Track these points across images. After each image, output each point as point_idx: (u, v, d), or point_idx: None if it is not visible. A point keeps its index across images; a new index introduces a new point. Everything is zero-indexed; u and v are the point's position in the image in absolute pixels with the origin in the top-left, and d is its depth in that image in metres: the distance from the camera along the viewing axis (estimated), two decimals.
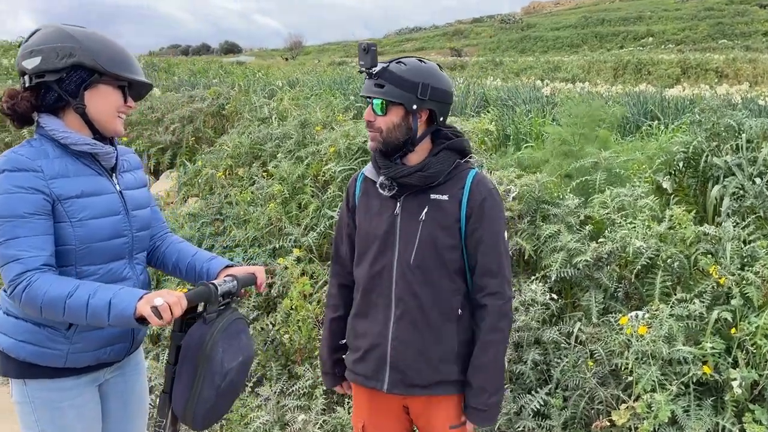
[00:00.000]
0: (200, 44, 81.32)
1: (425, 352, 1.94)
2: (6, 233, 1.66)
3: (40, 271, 1.66)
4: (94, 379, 1.94)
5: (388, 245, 1.95)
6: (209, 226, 4.68)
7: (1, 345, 1.83)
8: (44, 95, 1.78)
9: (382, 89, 1.87)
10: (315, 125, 5.05)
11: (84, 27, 1.82)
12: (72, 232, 1.76)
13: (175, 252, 2.10)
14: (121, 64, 1.80)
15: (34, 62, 1.73)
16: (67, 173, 1.77)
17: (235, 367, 1.79)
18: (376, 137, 1.93)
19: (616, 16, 59.69)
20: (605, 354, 2.80)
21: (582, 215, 3.38)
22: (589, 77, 26.73)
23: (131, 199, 1.95)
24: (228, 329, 1.77)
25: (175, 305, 1.62)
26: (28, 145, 1.77)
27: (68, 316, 1.66)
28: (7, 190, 1.67)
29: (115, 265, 1.88)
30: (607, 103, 6.52)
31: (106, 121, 1.83)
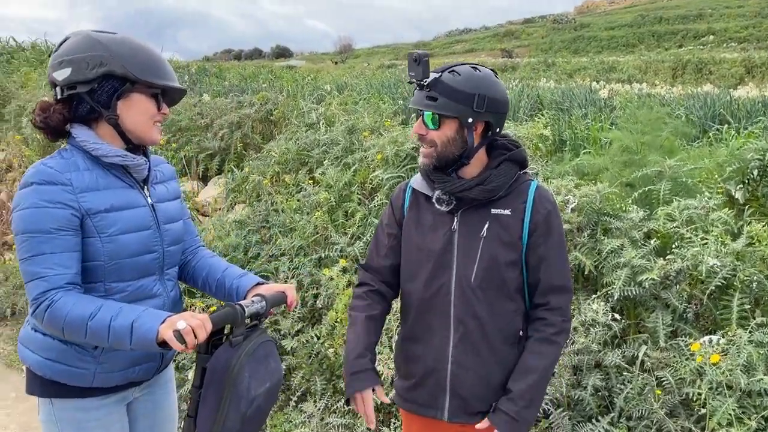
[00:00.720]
0: (252, 48, 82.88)
1: (487, 377, 1.81)
2: (31, 249, 1.61)
3: (64, 290, 1.60)
4: (122, 398, 1.87)
5: (445, 263, 1.82)
6: (255, 234, 4.61)
7: (28, 362, 1.77)
8: (76, 107, 1.72)
9: (435, 102, 1.73)
10: (362, 131, 4.94)
11: (115, 33, 1.75)
12: (101, 247, 1.69)
13: (205, 267, 2.02)
14: (153, 71, 1.72)
15: (65, 73, 1.67)
16: (97, 186, 1.71)
17: (262, 393, 1.69)
18: (430, 153, 1.80)
19: (675, 14, 57.79)
20: (675, 382, 2.57)
21: (645, 228, 3.14)
22: (646, 78, 25.87)
23: (163, 212, 1.87)
24: (255, 353, 1.67)
25: (199, 329, 1.52)
26: (59, 157, 1.71)
27: (90, 338, 1.59)
28: (35, 204, 1.62)
29: (145, 282, 1.81)
30: (670, 105, 6.19)
31: (141, 131, 1.76)
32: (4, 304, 5.45)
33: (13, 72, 9.67)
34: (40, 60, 10.77)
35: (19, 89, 8.50)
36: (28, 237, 1.61)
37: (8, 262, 5.68)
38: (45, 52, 11.42)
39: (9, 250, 6.05)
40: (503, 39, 65.51)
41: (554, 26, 65.17)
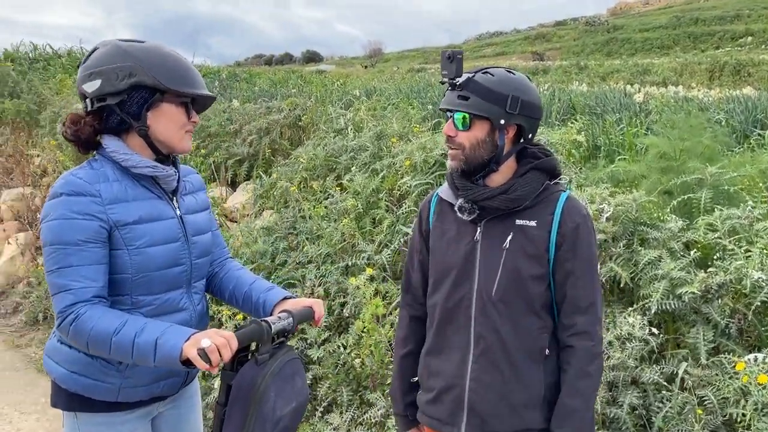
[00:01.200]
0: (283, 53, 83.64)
1: (508, 397, 1.72)
2: (59, 261, 1.59)
3: (90, 303, 1.57)
4: (147, 413, 1.84)
5: (467, 275, 1.75)
6: (283, 241, 4.59)
7: (53, 374, 1.76)
8: (107, 118, 1.70)
9: (467, 101, 1.67)
10: (391, 137, 4.88)
11: (143, 41, 1.72)
12: (129, 260, 1.66)
13: (232, 280, 1.98)
14: (182, 80, 1.69)
15: (95, 85, 1.65)
16: (126, 197, 1.68)
17: (288, 414, 1.63)
18: (458, 155, 1.72)
19: (711, 15, 56.54)
20: (717, 401, 2.44)
21: (685, 239, 3.01)
22: (681, 80, 25.31)
23: (191, 224, 1.83)
24: (281, 372, 1.62)
25: (224, 347, 1.48)
26: (89, 167, 1.69)
27: (114, 354, 1.56)
28: (63, 216, 1.59)
29: (172, 295, 1.77)
30: (708, 110, 6.00)
31: (172, 141, 1.74)
32: (36, 308, 5.53)
33: (49, 78, 9.87)
34: (75, 66, 10.97)
35: (55, 95, 8.67)
36: (56, 248, 1.59)
37: (40, 267, 5.76)
38: (80, 59, 11.65)
39: (41, 255, 6.15)
40: (534, 42, 64.94)
41: (587, 28, 64.36)
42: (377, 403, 3.29)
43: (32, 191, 7.13)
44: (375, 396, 3.34)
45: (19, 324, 5.63)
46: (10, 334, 5.46)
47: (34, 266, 5.99)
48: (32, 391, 4.47)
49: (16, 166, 7.91)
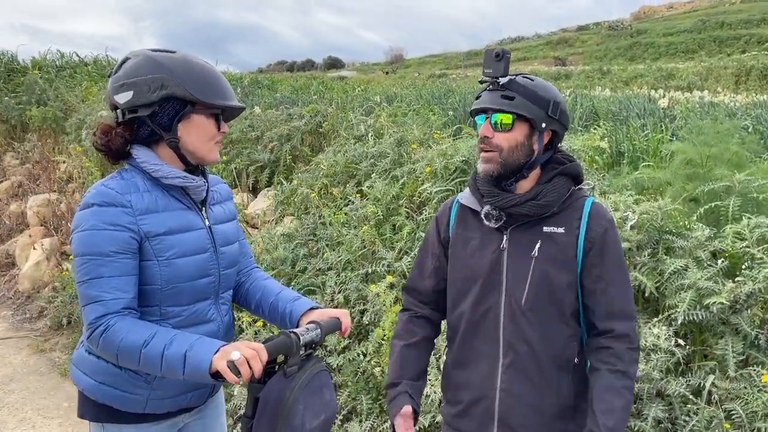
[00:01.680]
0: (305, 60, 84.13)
1: (539, 407, 1.69)
2: (90, 272, 1.58)
3: (120, 315, 1.57)
4: (173, 424, 1.84)
5: (494, 284, 1.72)
6: (303, 247, 4.58)
7: (80, 385, 1.75)
8: (137, 129, 1.70)
9: (512, 101, 1.64)
10: (411, 143, 4.86)
11: (174, 51, 1.71)
12: (158, 271, 1.66)
13: (259, 290, 1.97)
14: (213, 92, 1.68)
15: (126, 97, 1.65)
16: (157, 208, 1.68)
17: (317, 427, 1.61)
18: (494, 158, 1.69)
19: (737, 19, 55.67)
20: (746, 415, 2.38)
21: (711, 247, 2.94)
22: (707, 84, 24.94)
23: (220, 234, 1.83)
24: (310, 385, 1.60)
25: (254, 360, 1.46)
26: (119, 177, 1.69)
27: (143, 366, 1.55)
28: (95, 226, 1.59)
29: (200, 306, 1.76)
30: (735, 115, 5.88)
31: (202, 152, 1.74)
32: (60, 313, 5.59)
33: (76, 86, 10.03)
34: (101, 74, 11.13)
35: (81, 103, 8.80)
36: (87, 259, 1.59)
37: (65, 272, 5.83)
38: (106, 67, 11.82)
39: (67, 260, 6.23)
40: (556, 47, 64.52)
41: (609, 33, 63.79)
42: None
43: (58, 197, 7.24)
44: None
45: (43, 328, 5.70)
46: (34, 338, 5.53)
47: (59, 271, 6.07)
48: (55, 396, 4.52)
49: (43, 173, 8.04)
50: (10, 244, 7.21)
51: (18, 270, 6.73)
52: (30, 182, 8.09)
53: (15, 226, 7.59)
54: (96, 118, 7.03)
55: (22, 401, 4.42)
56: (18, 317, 5.98)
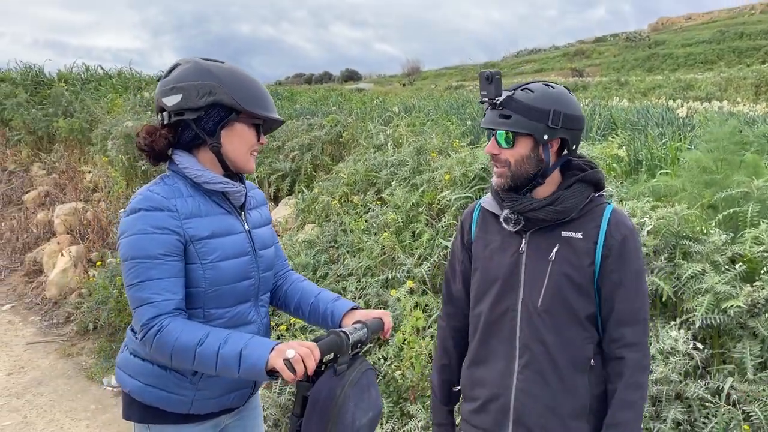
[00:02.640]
0: (322, 72, 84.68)
1: (555, 407, 1.73)
2: (140, 275, 1.62)
3: (171, 315, 1.61)
4: (215, 424, 1.89)
5: (512, 286, 1.77)
6: (324, 254, 4.67)
7: (126, 387, 1.79)
8: (182, 132, 1.76)
9: (509, 120, 1.69)
10: (430, 152, 4.94)
11: (222, 62, 1.78)
12: (202, 274, 1.70)
13: (297, 292, 2.01)
14: (258, 102, 1.75)
15: (175, 99, 1.70)
16: (200, 213, 1.73)
17: (365, 424, 1.65)
18: (504, 173, 1.75)
19: (757, 29, 55.17)
20: (764, 417, 2.40)
21: (730, 253, 2.97)
22: (726, 95, 24.74)
23: (258, 238, 1.88)
24: (359, 382, 1.64)
25: (308, 357, 1.51)
26: (162, 183, 1.74)
27: (198, 365, 1.59)
28: (143, 230, 1.64)
29: (241, 308, 1.81)
30: (754, 123, 5.88)
31: (240, 160, 1.79)
32: (87, 318, 5.71)
33: (101, 98, 10.26)
34: (125, 87, 11.37)
35: (106, 114, 9.00)
36: (136, 263, 1.63)
37: (92, 279, 5.97)
38: (130, 80, 12.06)
39: (93, 267, 6.37)
40: (573, 58, 64.36)
41: (627, 44, 63.54)
42: (417, 415, 3.31)
43: (84, 206, 7.41)
44: (415, 408, 3.37)
45: (70, 333, 5.82)
46: (62, 342, 5.65)
47: (86, 278, 6.21)
48: (83, 398, 4.62)
49: (69, 182, 8.23)
50: (38, 251, 7.38)
51: (45, 277, 6.89)
52: (57, 191, 8.27)
53: (42, 234, 7.77)
54: (122, 129, 7.20)
55: (51, 403, 4.53)
56: (45, 322, 6.12)
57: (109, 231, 6.82)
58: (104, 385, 4.82)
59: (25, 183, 9.29)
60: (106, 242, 6.76)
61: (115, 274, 5.54)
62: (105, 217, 6.98)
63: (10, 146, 10.05)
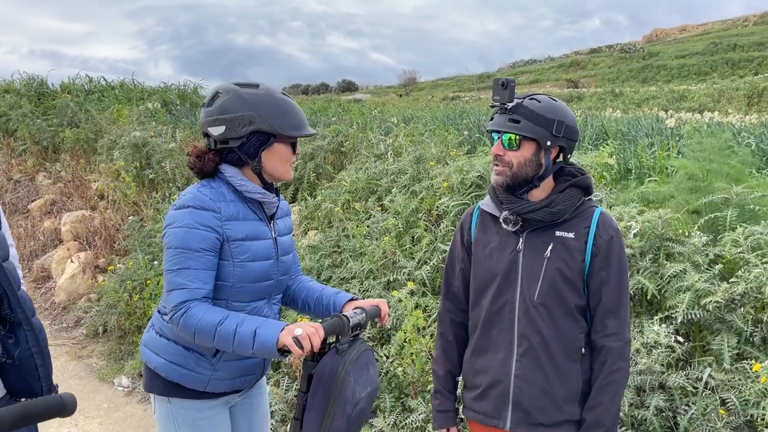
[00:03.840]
0: (319, 83, 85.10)
1: (549, 391, 1.92)
2: (180, 263, 1.84)
3: (199, 301, 1.83)
4: (226, 401, 2.11)
5: (510, 282, 1.95)
6: (327, 258, 4.87)
7: (152, 363, 2.02)
8: (226, 155, 1.98)
9: (518, 124, 1.89)
10: (429, 160, 5.15)
11: (258, 86, 1.98)
12: (232, 270, 1.93)
13: (304, 289, 2.24)
14: (293, 125, 1.96)
15: (219, 130, 1.92)
16: (238, 217, 1.95)
17: (364, 397, 1.87)
18: (505, 171, 1.94)
19: (750, 41, 55.80)
20: (739, 403, 2.61)
21: (711, 254, 3.19)
22: (719, 106, 25.08)
23: (282, 245, 2.11)
24: (358, 360, 1.86)
25: (314, 336, 1.72)
26: (209, 186, 1.96)
27: (217, 343, 1.80)
28: (189, 225, 1.86)
29: (258, 304, 2.04)
30: (740, 134, 6.12)
31: (279, 173, 2.01)
32: (96, 322, 5.89)
33: (105, 109, 10.48)
34: (128, 98, 11.59)
35: (112, 124, 9.21)
36: (179, 251, 1.84)
37: (103, 282, 6.15)
38: (133, 91, 12.29)
39: (102, 273, 6.55)
40: (569, 69, 64.91)
41: (622, 55, 64.12)
42: (418, 409, 3.50)
43: (91, 214, 7.60)
44: (416, 402, 3.56)
45: (80, 337, 6.00)
46: (72, 345, 5.83)
47: (95, 283, 6.39)
48: (95, 398, 4.79)
49: (75, 191, 8.41)
50: (45, 258, 7.55)
51: (53, 282, 7.06)
52: (63, 200, 8.46)
53: (49, 241, 7.94)
54: (130, 139, 7.40)
55: None
56: (55, 327, 6.29)
57: (116, 238, 7.01)
58: (115, 386, 5.00)
59: (31, 192, 9.46)
60: (113, 248, 6.95)
61: (125, 278, 5.73)
62: (112, 224, 7.17)
63: (15, 156, 10.23)
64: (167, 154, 7.20)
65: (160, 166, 7.13)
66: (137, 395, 4.84)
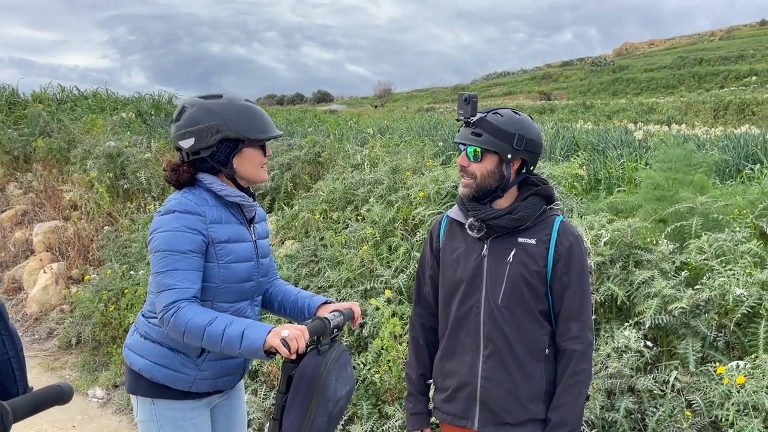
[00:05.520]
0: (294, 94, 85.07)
1: (515, 391, 1.99)
2: (169, 265, 1.91)
3: (188, 301, 1.89)
4: (208, 402, 2.18)
5: (476, 286, 2.03)
6: (305, 268, 4.90)
7: (136, 365, 2.07)
8: (200, 165, 2.07)
9: (480, 138, 1.97)
10: (405, 170, 5.23)
11: (221, 96, 2.07)
12: (217, 272, 2.01)
13: (280, 292, 2.33)
14: (260, 129, 2.05)
15: (189, 143, 2.01)
16: (221, 220, 2.03)
17: (344, 396, 1.95)
18: (470, 183, 2.03)
19: (715, 56, 57.37)
20: (704, 404, 2.71)
21: (677, 261, 3.31)
22: (686, 119, 25.72)
23: (261, 247, 2.20)
24: (339, 360, 1.93)
25: (300, 338, 1.80)
26: (192, 192, 2.04)
27: (205, 343, 1.86)
28: (176, 228, 1.94)
29: (241, 305, 2.12)
30: (704, 146, 6.32)
31: (253, 176, 2.11)
32: (70, 333, 5.82)
33: (78, 118, 10.37)
34: (101, 107, 11.49)
35: (85, 134, 9.12)
36: (167, 254, 1.92)
37: (78, 293, 6.09)
38: (106, 100, 12.18)
39: (75, 283, 6.48)
40: (541, 82, 65.93)
41: (592, 68, 65.38)
42: (395, 415, 3.55)
43: (63, 224, 7.51)
44: (393, 408, 3.61)
45: (52, 348, 5.92)
46: (44, 357, 5.75)
47: (68, 294, 6.32)
48: (69, 409, 4.73)
49: (48, 201, 8.31)
50: (17, 269, 7.44)
51: (25, 294, 6.96)
52: (35, 210, 8.34)
53: (20, 252, 7.82)
54: (104, 149, 7.36)
55: (37, 415, 4.64)
56: (27, 338, 6.19)
57: (90, 248, 6.95)
58: (90, 397, 4.95)
59: (1, 202, 9.32)
60: (87, 259, 6.88)
61: (101, 288, 5.68)
62: (86, 234, 7.10)
63: None
64: (142, 164, 7.17)
65: (135, 176, 7.09)
66: (112, 406, 4.80)
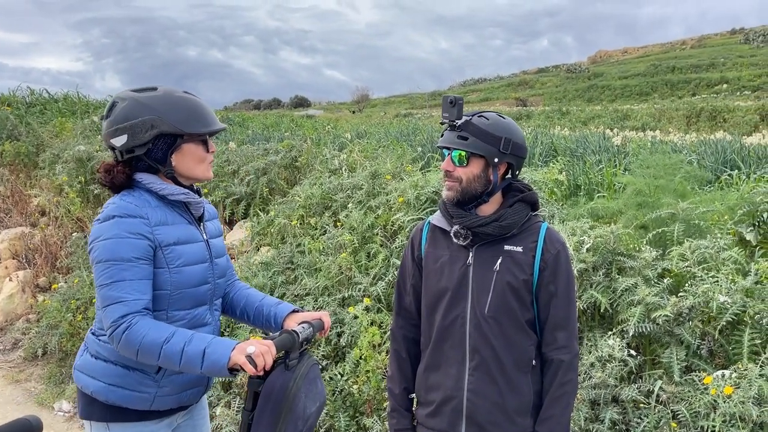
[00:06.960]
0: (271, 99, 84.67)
1: (502, 404, 1.91)
2: (113, 276, 1.75)
3: (140, 314, 1.75)
4: (170, 423, 2.02)
5: (461, 296, 1.94)
6: (281, 275, 4.77)
7: (88, 388, 1.90)
8: (136, 164, 1.91)
9: (466, 141, 1.90)
10: (384, 175, 5.14)
11: (156, 89, 1.91)
12: (168, 277, 1.85)
13: (242, 298, 2.18)
14: (198, 122, 1.90)
15: (122, 140, 1.85)
16: (167, 221, 1.88)
17: (314, 412, 1.83)
18: (455, 187, 1.95)
19: (687, 64, 58.45)
20: (690, 415, 2.65)
21: (660, 268, 3.26)
22: (660, 125, 26.09)
23: (214, 247, 2.05)
24: (308, 375, 1.82)
25: (266, 354, 1.68)
26: (131, 195, 1.88)
27: (162, 362, 1.72)
28: (117, 235, 1.78)
29: (199, 311, 1.97)
30: (682, 152, 6.35)
31: (196, 173, 1.95)
32: (36, 344, 5.61)
33: (47, 122, 10.11)
34: (72, 111, 11.24)
35: (54, 138, 8.88)
36: (110, 264, 1.75)
37: (46, 302, 5.88)
38: (77, 104, 11.92)
39: (42, 292, 6.27)
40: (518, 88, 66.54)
41: (568, 75, 66.16)
42: (374, 427, 3.45)
43: (31, 230, 7.28)
44: (371, 420, 3.50)
45: (17, 360, 5.70)
46: (9, 369, 5.53)
47: (35, 303, 6.10)
48: None
49: (14, 207, 8.06)
50: None
51: None
52: (1, 216, 8.08)
53: None
54: (74, 153, 7.15)
55: None
56: None
57: (58, 255, 6.73)
58: (56, 410, 4.76)
59: None
60: (55, 267, 6.66)
61: (68, 297, 5.48)
62: (54, 241, 6.88)
63: None
64: None
65: None
66: (79, 420, 4.61)
